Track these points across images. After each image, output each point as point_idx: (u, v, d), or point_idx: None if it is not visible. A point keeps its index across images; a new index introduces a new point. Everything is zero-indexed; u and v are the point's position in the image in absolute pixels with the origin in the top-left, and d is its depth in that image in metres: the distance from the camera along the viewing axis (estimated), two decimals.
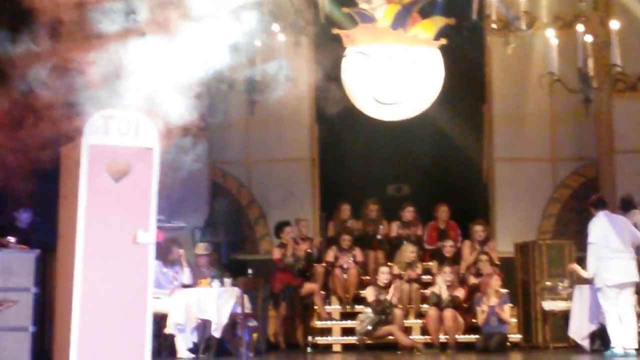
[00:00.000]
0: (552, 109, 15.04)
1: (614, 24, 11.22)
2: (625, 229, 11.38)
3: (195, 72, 10.24)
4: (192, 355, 11.08)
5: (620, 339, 11.04)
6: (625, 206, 11.89)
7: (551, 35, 11.47)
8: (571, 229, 14.74)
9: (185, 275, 11.99)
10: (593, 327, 11.87)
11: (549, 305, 12.73)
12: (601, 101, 14.31)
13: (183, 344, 11.16)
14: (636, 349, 11.09)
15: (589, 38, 11.33)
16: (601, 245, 11.20)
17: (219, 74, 11.16)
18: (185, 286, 11.84)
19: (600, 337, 11.85)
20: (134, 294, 8.83)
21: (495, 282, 12.86)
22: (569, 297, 12.49)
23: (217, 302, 11.27)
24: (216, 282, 11.51)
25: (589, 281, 11.61)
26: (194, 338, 11.28)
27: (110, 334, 8.74)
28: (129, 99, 9.19)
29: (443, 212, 14.37)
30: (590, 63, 11.35)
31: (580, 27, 11.39)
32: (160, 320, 11.05)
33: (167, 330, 11.20)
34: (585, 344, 11.94)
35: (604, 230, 11.30)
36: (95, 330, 8.71)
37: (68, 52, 9.30)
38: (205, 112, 12.53)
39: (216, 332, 11.24)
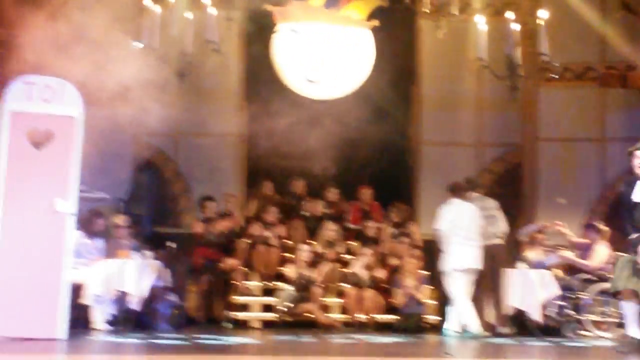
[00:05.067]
0: (480, 95, 15.18)
1: (543, 13, 11.35)
2: (473, 217, 11.50)
3: (125, 42, 10.13)
4: (110, 328, 10.97)
5: (475, 321, 11.21)
6: (456, 192, 11.79)
7: (481, 22, 11.56)
8: None
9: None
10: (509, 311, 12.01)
11: None
12: (527, 89, 14.48)
13: (100, 316, 11.04)
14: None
15: (517, 26, 11.45)
16: (449, 233, 11.33)
17: (150, 45, 11.05)
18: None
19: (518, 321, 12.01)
20: (51, 263, 8.74)
21: (414, 264, 12.96)
22: None
23: (137, 275, 11.16)
24: (136, 255, 11.41)
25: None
26: (112, 310, 11.17)
27: (24, 303, 8.65)
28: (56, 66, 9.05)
29: (365, 194, 14.46)
30: (518, 51, 11.48)
31: (510, 15, 11.50)
32: (77, 291, 10.92)
33: (84, 301, 11.06)
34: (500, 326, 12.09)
35: (452, 217, 11.42)
36: (9, 299, 8.62)
37: None
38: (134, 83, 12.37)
39: (135, 305, 11.13)
